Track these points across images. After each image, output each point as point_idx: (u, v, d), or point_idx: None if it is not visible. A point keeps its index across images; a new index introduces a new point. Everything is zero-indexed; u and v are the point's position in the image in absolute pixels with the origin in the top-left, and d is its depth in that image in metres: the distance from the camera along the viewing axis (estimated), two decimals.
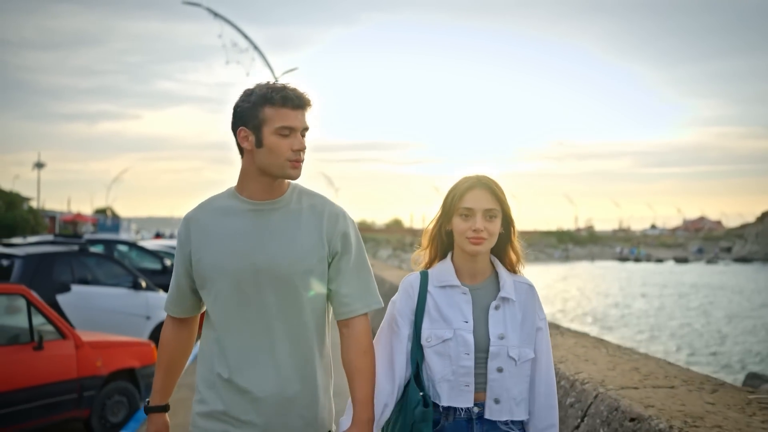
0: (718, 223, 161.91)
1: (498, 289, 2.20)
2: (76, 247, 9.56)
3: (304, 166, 2.14)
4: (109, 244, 13.61)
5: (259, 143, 2.08)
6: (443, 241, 2.27)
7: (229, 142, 2.17)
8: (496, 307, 2.17)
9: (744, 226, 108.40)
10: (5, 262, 8.90)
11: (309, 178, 1.61)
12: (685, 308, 31.25)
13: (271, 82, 2.13)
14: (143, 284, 9.64)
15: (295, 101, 2.07)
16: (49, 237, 13.81)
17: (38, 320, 5.68)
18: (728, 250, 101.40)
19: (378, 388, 2.16)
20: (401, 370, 2.18)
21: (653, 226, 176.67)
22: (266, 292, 2.11)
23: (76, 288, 8.84)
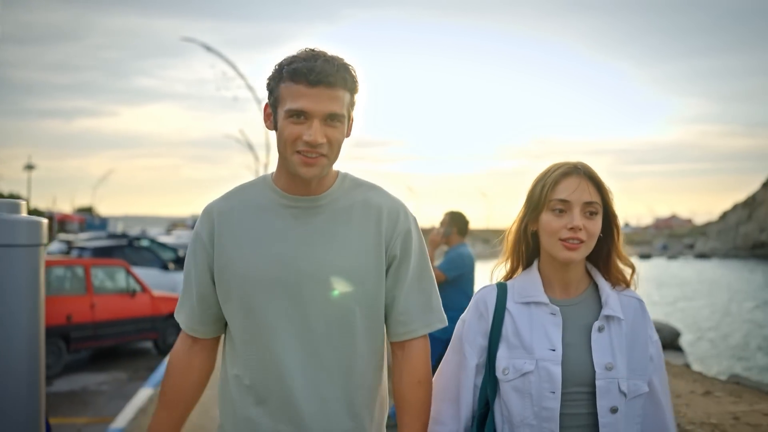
0: (689, 221, 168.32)
1: (599, 306, 1.72)
2: (125, 241, 14.13)
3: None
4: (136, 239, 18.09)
5: (275, 124, 1.66)
6: (529, 246, 1.80)
7: (207, 140, 2.62)
8: (600, 329, 1.68)
9: (708, 224, 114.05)
10: (76, 253, 13.47)
11: None
12: None
13: (307, 48, 1.62)
14: (170, 266, 14.21)
15: (310, 76, 1.54)
16: (103, 234, 18.15)
17: (131, 281, 10.16)
18: (691, 246, 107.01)
19: (438, 428, 1.77)
20: (468, 409, 1.76)
21: (627, 224, 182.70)
22: (310, 309, 1.69)
23: None
